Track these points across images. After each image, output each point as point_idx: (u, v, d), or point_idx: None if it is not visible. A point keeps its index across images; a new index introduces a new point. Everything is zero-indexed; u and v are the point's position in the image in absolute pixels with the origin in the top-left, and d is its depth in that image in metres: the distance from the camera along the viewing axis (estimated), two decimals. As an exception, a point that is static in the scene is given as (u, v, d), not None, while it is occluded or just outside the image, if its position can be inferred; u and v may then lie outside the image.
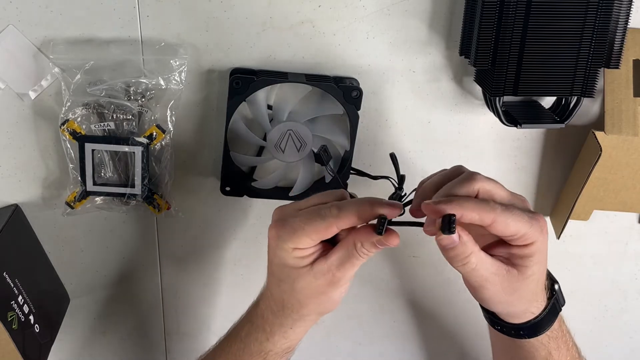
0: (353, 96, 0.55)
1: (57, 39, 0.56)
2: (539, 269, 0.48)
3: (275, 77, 0.55)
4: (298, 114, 0.57)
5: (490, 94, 0.54)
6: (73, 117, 0.56)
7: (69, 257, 0.66)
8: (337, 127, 0.58)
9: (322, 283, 0.48)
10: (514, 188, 0.63)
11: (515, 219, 0.44)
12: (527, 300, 0.49)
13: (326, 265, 0.47)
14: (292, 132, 0.56)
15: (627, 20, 0.51)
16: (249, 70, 0.56)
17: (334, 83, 0.55)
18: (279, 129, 0.56)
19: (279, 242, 0.47)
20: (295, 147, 0.56)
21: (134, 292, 0.69)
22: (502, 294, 0.47)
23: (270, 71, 0.57)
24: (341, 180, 0.58)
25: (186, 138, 0.60)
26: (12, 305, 0.56)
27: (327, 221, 0.45)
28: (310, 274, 0.48)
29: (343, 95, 0.54)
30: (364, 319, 0.71)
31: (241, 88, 0.54)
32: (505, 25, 0.50)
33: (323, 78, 0.56)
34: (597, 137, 0.56)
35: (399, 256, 0.67)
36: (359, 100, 0.55)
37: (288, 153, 0.57)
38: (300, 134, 0.56)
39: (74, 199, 0.59)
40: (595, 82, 0.52)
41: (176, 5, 0.55)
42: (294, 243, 0.46)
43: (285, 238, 0.46)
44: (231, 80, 0.54)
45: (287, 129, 0.55)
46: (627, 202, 0.59)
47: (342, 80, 0.56)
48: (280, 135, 0.56)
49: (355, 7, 0.56)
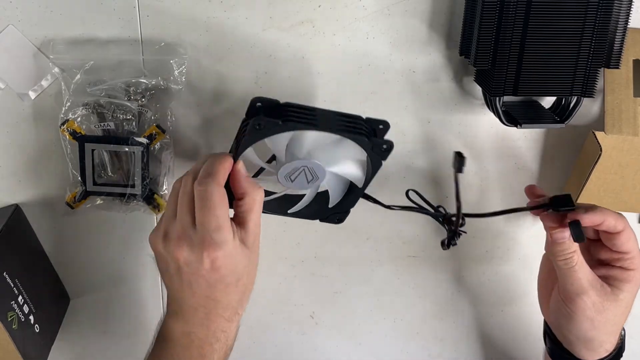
0: (382, 149, 0.50)
1: (57, 39, 0.56)
2: (629, 301, 0.53)
3: (303, 118, 0.49)
4: (317, 152, 0.52)
5: (490, 94, 0.54)
6: (73, 117, 0.56)
7: (69, 257, 0.66)
8: (355, 164, 0.53)
9: (257, 249, 0.51)
10: (514, 188, 0.64)
11: (635, 238, 0.53)
12: (608, 330, 0.53)
13: (251, 235, 0.49)
14: (307, 168, 0.51)
15: (627, 20, 0.51)
16: (272, 102, 0.50)
17: (364, 125, 0.50)
18: (293, 165, 0.51)
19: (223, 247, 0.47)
20: (306, 179, 0.52)
21: (134, 292, 0.69)
22: (591, 310, 0.52)
23: (296, 107, 0.50)
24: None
25: (186, 138, 0.60)
26: (12, 305, 0.56)
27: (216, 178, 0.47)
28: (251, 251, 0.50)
29: (372, 147, 0.50)
30: (363, 318, 0.71)
31: (263, 130, 0.48)
32: (505, 25, 0.50)
33: (353, 119, 0.51)
34: (597, 137, 0.56)
35: (399, 256, 0.67)
36: (388, 154, 0.50)
37: (297, 184, 0.53)
38: (314, 170, 0.51)
39: (74, 199, 0.59)
40: (595, 82, 0.52)
41: (176, 5, 0.55)
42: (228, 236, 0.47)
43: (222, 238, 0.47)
44: (253, 123, 0.48)
45: (302, 166, 0.51)
46: (627, 202, 0.59)
47: (373, 122, 0.51)
48: (293, 170, 0.51)
49: (355, 7, 0.56)
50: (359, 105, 0.59)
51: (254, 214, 0.49)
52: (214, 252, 0.46)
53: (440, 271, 0.68)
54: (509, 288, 0.68)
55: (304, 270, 0.68)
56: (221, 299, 0.50)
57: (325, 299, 0.69)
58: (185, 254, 0.47)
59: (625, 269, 0.52)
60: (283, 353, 0.72)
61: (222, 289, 0.49)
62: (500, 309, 0.70)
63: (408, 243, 0.66)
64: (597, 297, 0.52)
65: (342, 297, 0.69)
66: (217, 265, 0.47)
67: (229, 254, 0.47)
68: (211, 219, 0.46)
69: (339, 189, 0.55)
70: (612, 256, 0.53)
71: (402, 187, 0.61)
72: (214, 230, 0.46)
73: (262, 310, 0.69)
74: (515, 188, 0.64)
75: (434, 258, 0.67)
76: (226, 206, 0.47)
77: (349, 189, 0.55)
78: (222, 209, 0.47)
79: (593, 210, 0.51)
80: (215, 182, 0.47)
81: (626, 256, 0.52)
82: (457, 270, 0.68)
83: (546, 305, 0.58)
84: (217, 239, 0.46)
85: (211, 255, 0.46)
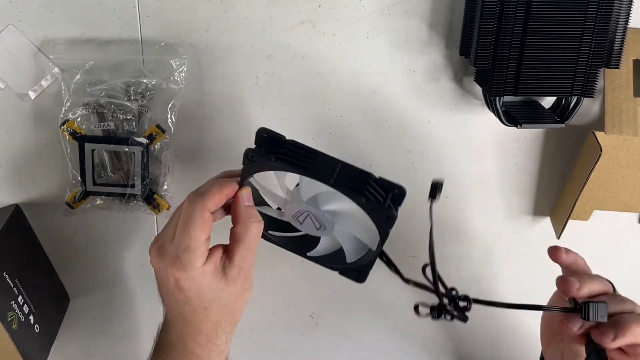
0: (386, 217, 0.45)
1: (57, 39, 0.56)
2: None
3: (298, 160, 0.45)
4: (322, 199, 0.48)
5: (490, 94, 0.54)
6: (73, 117, 0.56)
7: (69, 257, 0.66)
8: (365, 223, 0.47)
9: (241, 284, 0.49)
10: (514, 188, 0.64)
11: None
12: None
13: (236, 268, 0.47)
14: (311, 215, 0.48)
15: (627, 20, 0.51)
16: (277, 136, 0.47)
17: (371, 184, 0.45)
18: (296, 207, 0.48)
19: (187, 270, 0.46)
20: (314, 226, 0.49)
21: (134, 292, 0.69)
22: None
23: (297, 147, 0.46)
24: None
25: (186, 138, 0.60)
26: (12, 305, 0.56)
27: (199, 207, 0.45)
28: (228, 284, 0.48)
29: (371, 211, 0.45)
30: (364, 318, 0.71)
31: (256, 163, 0.46)
32: (505, 25, 0.50)
33: (361, 176, 0.45)
34: (597, 137, 0.56)
35: (399, 256, 0.67)
36: (392, 223, 0.45)
37: (306, 227, 0.49)
38: (320, 219, 0.48)
39: (73, 199, 0.59)
40: (595, 82, 0.52)
41: (176, 5, 0.55)
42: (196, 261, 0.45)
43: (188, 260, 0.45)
44: (246, 153, 0.46)
45: (305, 210, 0.48)
46: (627, 202, 0.59)
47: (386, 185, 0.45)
48: (298, 212, 0.48)
49: (355, 7, 0.56)
50: (358, 106, 0.59)
51: (242, 246, 0.47)
52: (177, 272, 0.46)
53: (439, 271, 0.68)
54: (509, 289, 0.68)
55: (304, 270, 0.68)
56: (191, 322, 0.49)
57: (325, 299, 0.69)
58: (158, 264, 0.47)
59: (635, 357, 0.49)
60: (283, 353, 0.72)
61: (190, 312, 0.48)
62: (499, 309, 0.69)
63: (408, 243, 0.66)
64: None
65: (342, 297, 0.69)
66: (180, 285, 0.46)
67: (193, 278, 0.46)
68: (184, 239, 0.45)
69: (354, 247, 0.51)
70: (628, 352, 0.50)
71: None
72: (183, 250, 0.45)
73: (262, 310, 0.69)
74: (515, 188, 0.64)
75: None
76: (205, 230, 0.45)
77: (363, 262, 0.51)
78: (198, 231, 0.45)
79: (622, 331, 0.46)
80: (202, 203, 0.45)
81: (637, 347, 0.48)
82: (457, 270, 0.68)
83: (547, 347, 0.57)
84: (184, 260, 0.45)
85: (175, 274, 0.46)
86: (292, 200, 0.48)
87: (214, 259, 0.47)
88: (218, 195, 0.46)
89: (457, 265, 0.68)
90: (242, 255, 0.47)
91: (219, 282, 0.47)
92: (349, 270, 0.52)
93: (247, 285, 0.49)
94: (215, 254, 0.47)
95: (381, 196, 0.45)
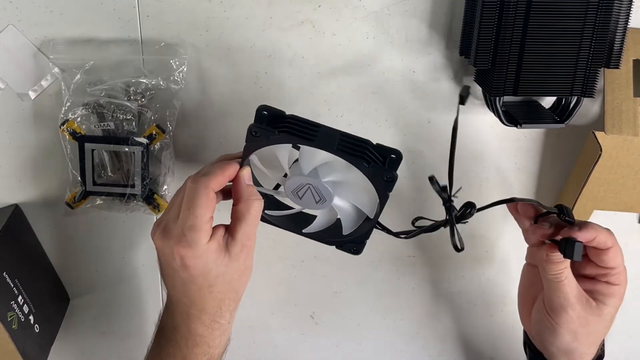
0: (385, 179, 0.47)
1: (57, 39, 0.56)
2: (612, 315, 0.53)
3: (302, 132, 0.47)
4: (325, 173, 0.49)
5: (490, 94, 0.54)
6: (73, 117, 0.56)
7: (69, 257, 0.66)
8: (364, 192, 0.50)
9: (243, 260, 0.49)
10: (514, 188, 0.64)
11: (621, 254, 0.52)
12: (590, 342, 0.53)
13: (238, 244, 0.48)
14: (312, 187, 0.49)
15: (627, 20, 0.51)
16: (277, 112, 0.48)
17: (370, 150, 0.47)
18: (297, 181, 0.49)
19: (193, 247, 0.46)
20: (314, 199, 0.50)
21: (134, 292, 0.69)
22: (575, 323, 0.52)
23: (298, 121, 0.48)
24: None
25: (186, 138, 0.60)
26: (12, 305, 0.56)
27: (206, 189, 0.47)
28: (232, 260, 0.49)
29: (372, 174, 0.47)
30: (364, 318, 0.71)
31: (260, 138, 0.47)
32: (505, 25, 0.50)
33: (359, 143, 0.47)
34: (597, 137, 0.56)
35: (398, 256, 0.67)
36: (392, 184, 0.47)
37: (305, 202, 0.51)
38: (320, 190, 0.49)
39: (73, 199, 0.59)
40: (595, 82, 0.52)
41: (176, 5, 0.55)
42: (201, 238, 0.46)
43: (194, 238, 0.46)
44: (250, 129, 0.47)
45: (306, 183, 0.49)
46: (627, 202, 0.59)
47: (383, 150, 0.48)
48: (299, 186, 0.49)
49: (355, 7, 0.56)
50: (358, 106, 0.59)
51: (245, 223, 0.48)
52: (183, 250, 0.47)
53: (440, 271, 0.68)
54: (509, 288, 0.68)
55: (304, 270, 0.68)
56: (196, 301, 0.49)
57: (325, 299, 0.69)
58: (162, 244, 0.48)
59: (610, 284, 0.52)
60: (283, 353, 0.72)
61: (195, 290, 0.49)
62: (500, 308, 0.70)
63: (408, 243, 0.66)
64: (582, 311, 0.52)
65: (342, 297, 0.69)
66: (186, 263, 0.47)
67: (199, 255, 0.47)
68: (189, 217, 0.46)
69: (352, 217, 0.53)
70: (598, 272, 0.53)
71: (402, 187, 0.61)
72: (188, 229, 0.46)
73: (262, 310, 0.69)
74: (515, 188, 0.64)
75: (433, 258, 0.67)
76: (210, 208, 0.47)
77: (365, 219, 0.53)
78: (203, 210, 0.46)
79: (586, 227, 0.50)
80: (206, 183, 0.47)
81: (612, 272, 0.52)
82: (457, 270, 0.68)
83: (527, 316, 0.58)
84: (189, 238, 0.46)
85: (180, 252, 0.47)
86: (293, 174, 0.49)
87: (217, 237, 0.48)
88: (221, 176, 0.48)
89: (458, 265, 0.68)
90: (245, 232, 0.48)
91: (223, 258, 0.48)
92: (345, 243, 0.54)
93: (248, 263, 0.50)
94: (218, 232, 0.48)
95: (380, 161, 0.47)
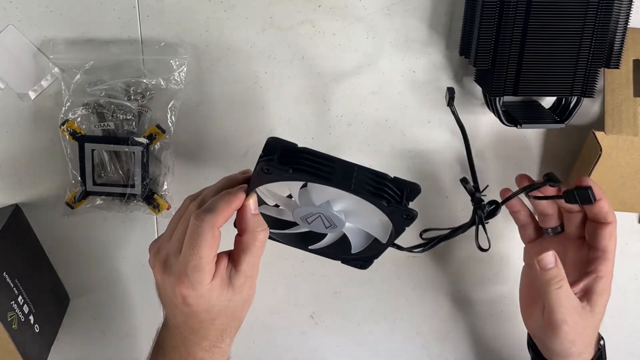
0: (405, 217, 0.45)
1: (57, 39, 0.56)
2: (602, 311, 0.54)
3: (318, 170, 0.44)
4: (336, 202, 0.47)
5: (490, 94, 0.54)
6: (73, 117, 0.56)
7: (69, 257, 0.66)
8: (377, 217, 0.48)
9: (247, 291, 0.48)
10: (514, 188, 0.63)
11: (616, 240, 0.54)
12: (587, 342, 0.54)
13: (242, 276, 0.47)
14: (323, 216, 0.47)
15: (627, 20, 0.51)
16: (289, 145, 0.45)
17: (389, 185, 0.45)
18: (307, 210, 0.47)
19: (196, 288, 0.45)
20: (324, 225, 0.48)
21: (134, 292, 0.69)
22: (575, 333, 0.52)
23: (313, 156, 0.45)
24: None
25: (186, 138, 0.60)
26: (12, 305, 0.56)
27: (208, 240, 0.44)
28: (235, 293, 0.47)
29: (392, 213, 0.45)
30: (364, 318, 0.71)
31: (271, 175, 0.44)
32: (505, 25, 0.50)
33: (377, 179, 0.45)
34: (597, 137, 0.56)
35: (399, 256, 0.67)
36: (411, 222, 0.45)
37: (314, 226, 0.49)
38: (331, 219, 0.47)
39: (73, 199, 0.59)
40: (595, 82, 0.52)
41: (176, 5, 0.55)
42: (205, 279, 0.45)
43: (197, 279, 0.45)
44: (260, 166, 0.44)
45: (317, 212, 0.47)
46: (627, 202, 0.59)
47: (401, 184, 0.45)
48: (309, 214, 0.48)
49: (355, 7, 0.56)
50: (358, 106, 0.59)
51: (250, 255, 0.47)
52: (186, 290, 0.45)
53: (440, 271, 0.68)
54: (509, 288, 0.68)
55: (304, 270, 0.68)
56: (197, 330, 0.49)
57: (325, 299, 0.69)
58: (163, 280, 0.47)
59: (598, 276, 0.53)
60: (283, 353, 0.72)
61: (197, 322, 0.48)
62: (500, 308, 0.70)
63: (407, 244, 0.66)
64: (579, 321, 0.52)
65: (342, 297, 0.69)
66: (188, 302, 0.46)
67: (202, 294, 0.45)
68: (193, 258, 0.44)
69: (362, 240, 0.51)
70: (588, 255, 0.54)
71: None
72: (192, 270, 0.44)
73: (262, 310, 0.69)
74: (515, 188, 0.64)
75: (434, 258, 0.67)
76: (215, 247, 0.45)
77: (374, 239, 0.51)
78: (208, 250, 0.44)
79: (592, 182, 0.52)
80: (212, 222, 0.44)
81: (603, 255, 0.53)
82: (458, 270, 0.68)
83: (528, 317, 0.58)
84: (192, 278, 0.45)
85: (183, 291, 0.45)
86: (303, 203, 0.47)
87: (220, 271, 0.46)
88: (227, 211, 0.45)
89: (458, 265, 0.68)
90: (249, 263, 0.47)
91: (227, 293, 0.47)
92: (351, 259, 0.53)
93: (252, 291, 0.49)
94: (221, 264, 0.47)
95: (398, 195, 0.45)
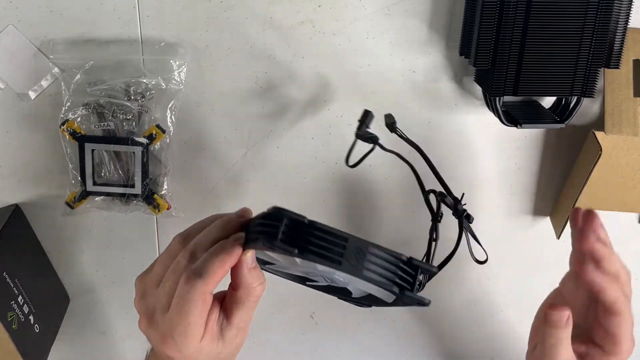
0: (417, 303, 0.42)
1: (57, 39, 0.56)
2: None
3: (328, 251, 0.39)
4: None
5: (490, 94, 0.54)
6: (73, 117, 0.56)
7: (69, 257, 0.66)
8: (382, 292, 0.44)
9: (238, 341, 0.46)
10: (514, 188, 0.64)
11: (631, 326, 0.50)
12: None
13: (234, 329, 0.45)
14: (325, 277, 0.45)
15: (627, 20, 0.51)
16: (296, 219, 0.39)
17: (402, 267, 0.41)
18: (308, 269, 0.44)
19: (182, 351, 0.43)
20: (325, 280, 0.46)
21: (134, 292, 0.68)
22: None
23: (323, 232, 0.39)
24: None
25: (186, 138, 0.60)
26: (12, 305, 0.56)
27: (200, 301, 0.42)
28: (226, 346, 0.45)
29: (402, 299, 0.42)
30: (364, 318, 0.71)
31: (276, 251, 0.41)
32: (505, 25, 0.50)
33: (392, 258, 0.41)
34: (597, 137, 0.56)
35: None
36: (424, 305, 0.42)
37: (314, 278, 0.47)
38: (333, 280, 0.45)
39: (73, 199, 0.59)
40: (595, 82, 0.52)
41: (176, 5, 0.55)
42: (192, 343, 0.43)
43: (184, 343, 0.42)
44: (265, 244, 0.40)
45: (319, 274, 0.44)
46: (627, 202, 0.59)
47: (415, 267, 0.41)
48: (310, 272, 0.45)
49: (355, 7, 0.56)
50: (358, 106, 0.59)
51: (243, 310, 0.44)
52: (172, 352, 0.43)
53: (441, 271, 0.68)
54: (509, 288, 0.68)
55: (304, 270, 0.68)
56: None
57: (325, 299, 0.69)
58: (148, 334, 0.45)
59: (606, 352, 0.50)
60: (283, 353, 0.72)
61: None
62: (500, 308, 0.70)
63: (407, 243, 0.66)
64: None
65: (342, 297, 0.69)
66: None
67: (189, 356, 0.43)
68: (181, 323, 0.42)
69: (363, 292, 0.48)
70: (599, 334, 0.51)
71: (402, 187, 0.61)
72: (179, 334, 0.42)
73: (262, 310, 0.69)
74: (515, 188, 0.64)
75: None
76: (205, 312, 0.42)
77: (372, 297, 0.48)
78: (197, 318, 0.42)
79: None
80: (202, 288, 0.41)
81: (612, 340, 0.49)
82: (457, 270, 0.68)
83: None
84: (179, 342, 0.42)
85: (168, 351, 0.43)
86: (304, 265, 0.43)
87: (210, 326, 0.43)
88: (221, 272, 0.42)
89: (458, 265, 0.68)
90: (242, 317, 0.45)
91: (216, 346, 0.44)
92: (351, 299, 0.50)
93: (243, 340, 0.47)
94: (212, 316, 0.43)
95: (411, 277, 0.41)
